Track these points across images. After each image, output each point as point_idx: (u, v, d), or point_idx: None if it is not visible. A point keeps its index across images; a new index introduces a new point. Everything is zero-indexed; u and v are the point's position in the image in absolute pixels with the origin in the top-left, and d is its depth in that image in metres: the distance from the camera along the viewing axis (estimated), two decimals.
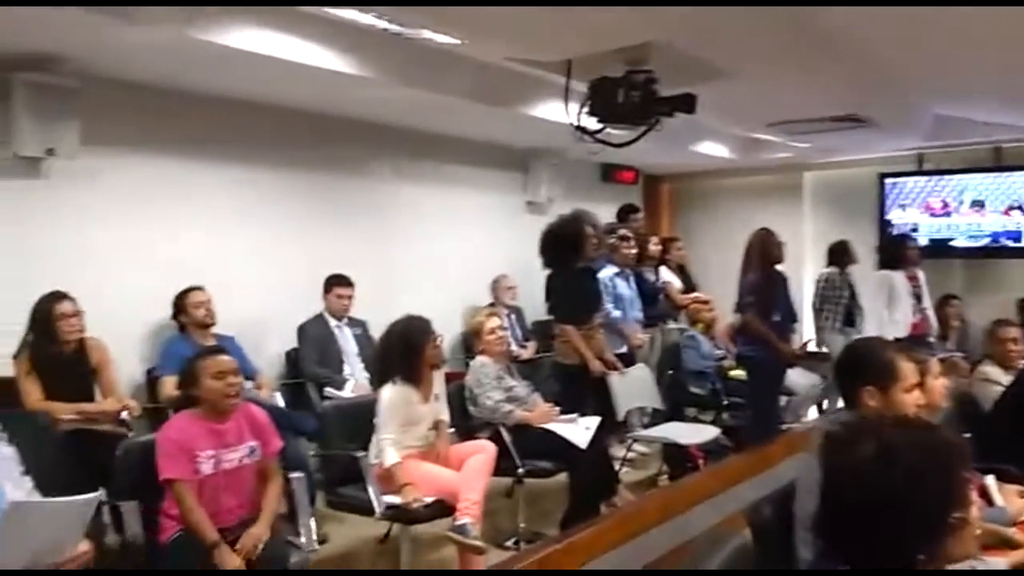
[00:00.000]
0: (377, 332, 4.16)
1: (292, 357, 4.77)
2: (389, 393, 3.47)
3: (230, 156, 4.73)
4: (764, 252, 4.72)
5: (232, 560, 2.53)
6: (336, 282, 4.82)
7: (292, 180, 5.08)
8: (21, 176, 3.86)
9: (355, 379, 4.62)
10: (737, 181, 8.14)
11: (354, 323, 4.87)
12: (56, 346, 3.53)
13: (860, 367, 2.23)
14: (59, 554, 2.16)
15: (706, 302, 5.73)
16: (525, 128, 5.60)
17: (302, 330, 4.71)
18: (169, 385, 3.73)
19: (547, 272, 4.54)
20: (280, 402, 4.30)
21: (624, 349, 4.98)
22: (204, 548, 2.55)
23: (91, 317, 3.67)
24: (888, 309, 5.66)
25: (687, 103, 3.82)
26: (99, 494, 2.35)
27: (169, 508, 2.65)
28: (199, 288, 4.17)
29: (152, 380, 4.09)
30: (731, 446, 4.79)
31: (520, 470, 3.72)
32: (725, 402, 5.13)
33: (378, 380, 3.66)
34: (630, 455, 5.01)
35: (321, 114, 5.05)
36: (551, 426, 3.85)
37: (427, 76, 4.33)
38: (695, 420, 5.19)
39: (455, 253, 6.04)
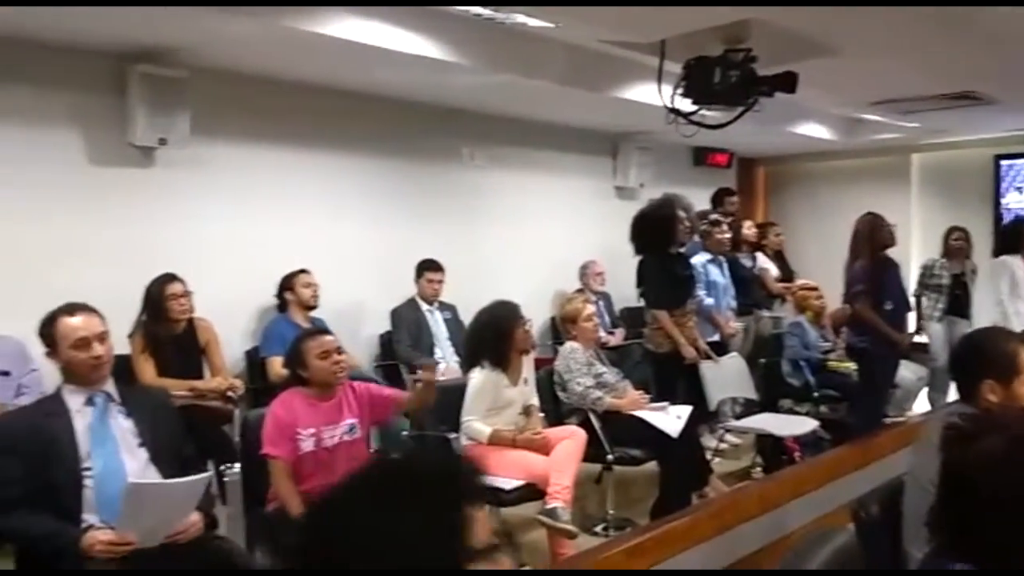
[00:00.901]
0: (467, 316, 4.21)
1: (385, 340, 4.88)
2: (477, 376, 3.51)
3: (327, 144, 4.86)
4: (873, 238, 4.48)
5: None
6: (427, 267, 4.90)
7: (386, 167, 5.18)
8: (135, 164, 4.09)
9: (446, 362, 4.69)
10: (838, 164, 7.79)
11: (444, 307, 4.94)
12: (167, 325, 3.73)
13: (980, 359, 2.10)
14: (172, 526, 2.28)
15: (814, 288, 5.46)
16: (615, 112, 5.53)
17: (395, 314, 4.81)
18: (277, 365, 3.89)
19: (639, 258, 4.47)
20: None
21: (717, 337, 4.87)
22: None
23: (198, 298, 3.86)
24: (1009, 298, 5.30)
25: (788, 82, 3.68)
26: (210, 474, 2.47)
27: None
28: (308, 271, 4.34)
29: (255, 360, 4.27)
30: (829, 439, 4.61)
31: (610, 457, 3.70)
32: (816, 394, 4.93)
33: (467, 364, 3.70)
34: (722, 446, 4.90)
35: (414, 101, 5.12)
36: (641, 414, 3.80)
37: (518, 61, 4.33)
38: (790, 412, 5.02)
39: (543, 238, 6.04)
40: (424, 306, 4.88)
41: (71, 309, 2.38)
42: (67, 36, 3.63)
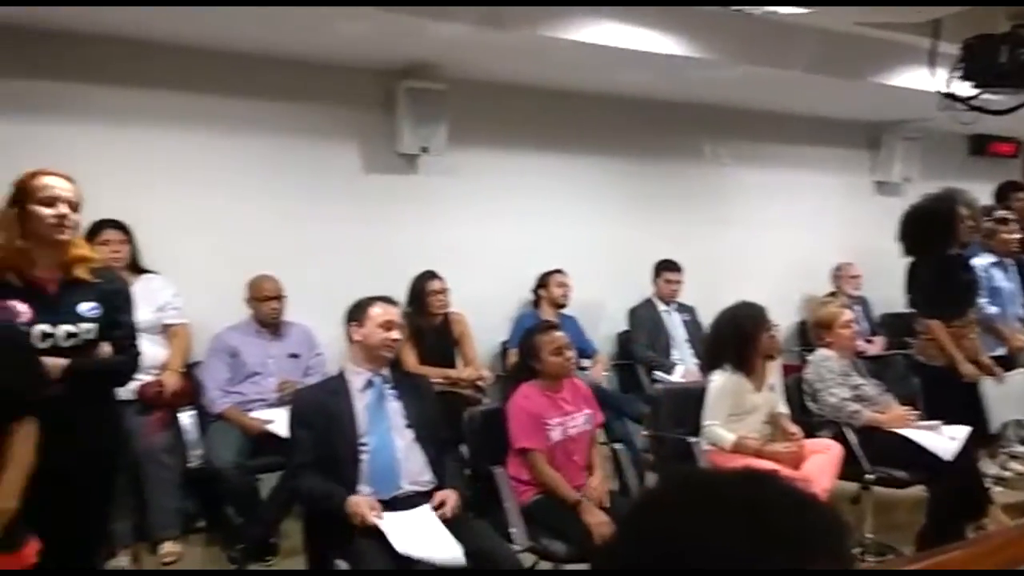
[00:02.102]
0: (706, 319, 4.10)
1: (623, 339, 4.91)
2: (719, 379, 3.40)
3: (571, 147, 4.98)
4: None
5: (597, 516, 2.68)
6: (666, 267, 4.85)
7: (627, 167, 5.18)
8: (401, 171, 4.49)
9: (684, 364, 4.61)
10: None
11: (683, 308, 4.86)
12: (427, 318, 4.06)
13: None
14: None
15: None
16: (875, 100, 5.09)
17: (633, 313, 4.82)
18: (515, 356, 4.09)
19: (908, 260, 4.04)
20: (613, 382, 4.48)
21: (1002, 351, 4.26)
22: (565, 508, 2.73)
23: (454, 294, 4.15)
24: None
25: None
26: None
27: (516, 473, 2.88)
28: (563, 271, 4.54)
29: (505, 352, 4.50)
30: None
31: (869, 476, 3.40)
32: None
33: (708, 365, 3.60)
34: (1005, 473, 4.30)
35: (656, 100, 5.09)
36: (908, 432, 3.44)
37: (767, 51, 4.15)
38: None
39: (791, 237, 5.70)
40: (661, 306, 4.83)
41: (382, 299, 2.74)
42: (345, 57, 4.07)
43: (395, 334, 2.68)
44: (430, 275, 4.09)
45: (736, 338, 3.42)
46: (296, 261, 4.02)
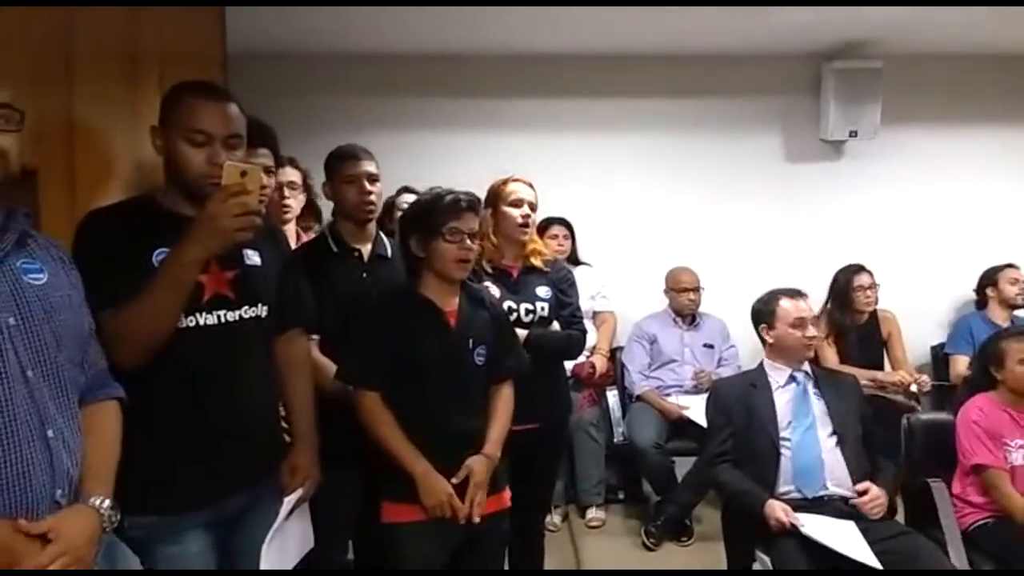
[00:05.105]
0: None
1: None
2: None
3: None
4: None
5: None
6: None
7: None
8: (824, 158, 4.27)
9: None
10: None
11: None
12: (851, 315, 3.79)
13: None
14: None
15: None
16: None
17: None
18: (960, 364, 3.66)
19: None
20: None
21: None
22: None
23: (883, 289, 3.81)
24: None
25: None
26: None
27: (963, 492, 2.55)
28: (1016, 266, 3.95)
29: (939, 357, 4.01)
30: None
31: None
32: None
33: None
34: None
35: None
36: None
37: None
38: None
39: None
40: None
41: (791, 293, 2.64)
42: (771, 46, 3.97)
43: (811, 331, 2.57)
44: (857, 268, 3.80)
45: None
46: (715, 253, 4.09)
